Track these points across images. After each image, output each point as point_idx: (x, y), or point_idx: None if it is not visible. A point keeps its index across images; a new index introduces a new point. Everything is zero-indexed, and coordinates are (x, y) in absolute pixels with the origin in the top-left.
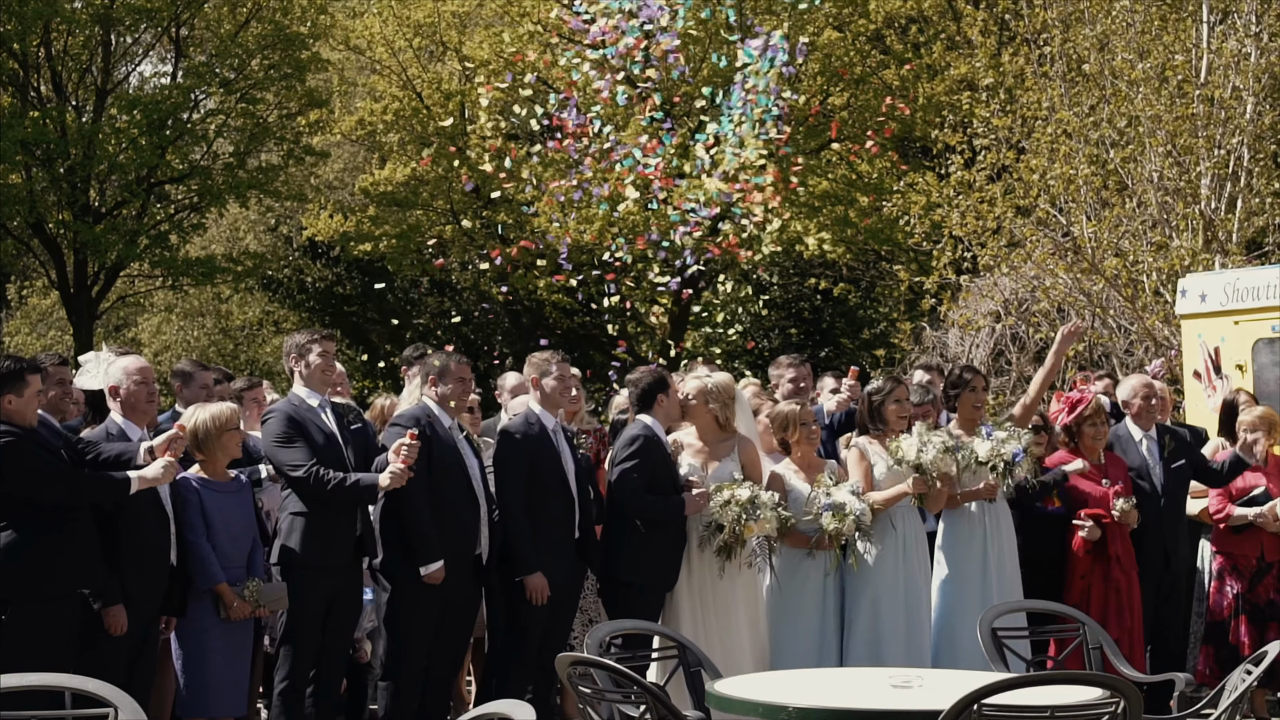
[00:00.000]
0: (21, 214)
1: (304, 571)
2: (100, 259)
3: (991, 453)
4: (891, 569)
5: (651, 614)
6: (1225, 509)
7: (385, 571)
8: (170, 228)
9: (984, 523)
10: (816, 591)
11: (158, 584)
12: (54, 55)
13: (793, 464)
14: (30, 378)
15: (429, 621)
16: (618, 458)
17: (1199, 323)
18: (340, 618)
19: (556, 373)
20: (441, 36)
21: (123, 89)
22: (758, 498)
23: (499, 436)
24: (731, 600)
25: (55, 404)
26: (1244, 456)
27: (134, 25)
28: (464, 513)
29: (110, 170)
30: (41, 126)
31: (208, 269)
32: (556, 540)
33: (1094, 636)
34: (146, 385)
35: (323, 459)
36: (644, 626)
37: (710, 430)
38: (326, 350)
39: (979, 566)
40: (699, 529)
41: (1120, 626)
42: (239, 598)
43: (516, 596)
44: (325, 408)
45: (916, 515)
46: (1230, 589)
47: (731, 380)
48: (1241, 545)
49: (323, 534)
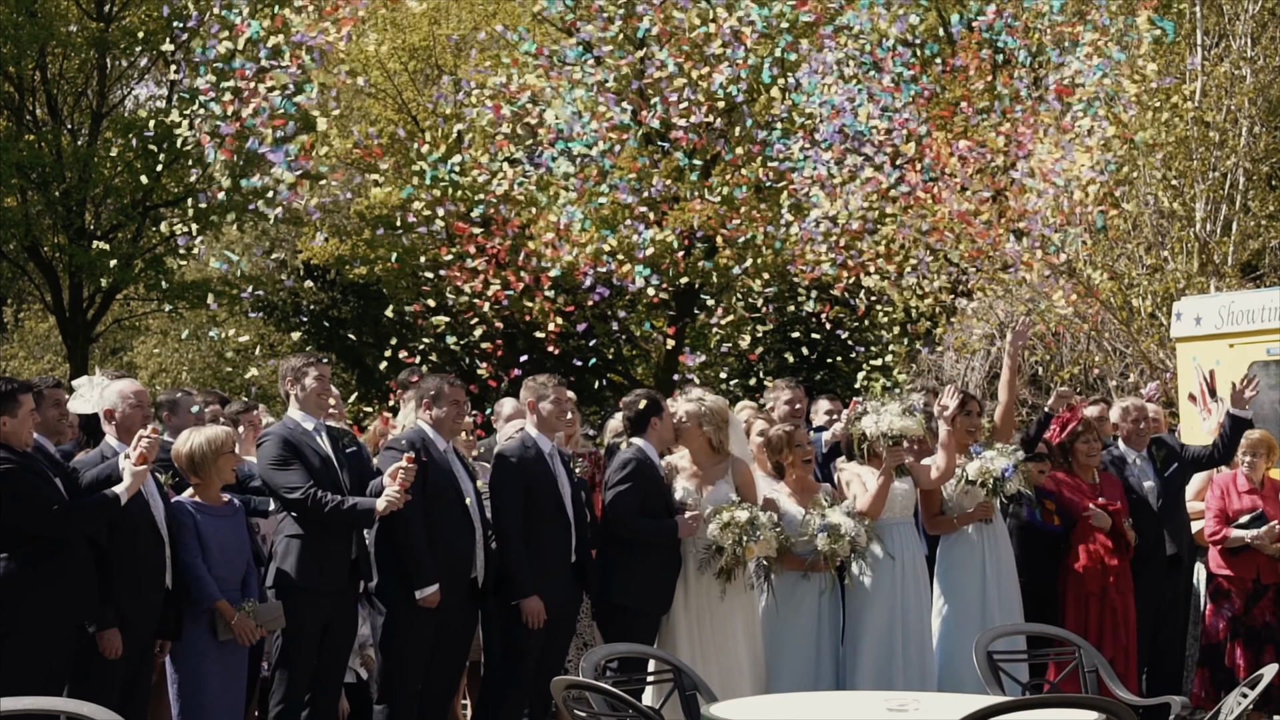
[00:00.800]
0: (17, 237)
1: (300, 594)
2: (95, 282)
3: (980, 471)
4: (889, 591)
5: (646, 637)
6: (1222, 531)
7: (380, 595)
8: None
9: (982, 546)
10: (812, 614)
11: (153, 608)
12: (50, 79)
13: (786, 487)
14: (22, 398)
15: (424, 645)
16: (611, 481)
17: (1194, 346)
18: (336, 641)
19: (553, 396)
20: (437, 60)
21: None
22: (757, 519)
23: (495, 460)
24: (729, 623)
25: (52, 426)
26: (1236, 411)
27: (129, 49)
28: (459, 536)
29: (105, 194)
30: (37, 150)
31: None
32: (552, 563)
33: (1090, 659)
34: (141, 408)
35: (318, 482)
36: (639, 650)
37: (704, 453)
38: (322, 374)
39: (978, 590)
40: (696, 552)
41: (1116, 645)
42: (239, 613)
43: (513, 620)
44: (320, 431)
45: (915, 537)
46: (1226, 611)
47: (724, 403)
48: (1238, 567)
49: (318, 557)
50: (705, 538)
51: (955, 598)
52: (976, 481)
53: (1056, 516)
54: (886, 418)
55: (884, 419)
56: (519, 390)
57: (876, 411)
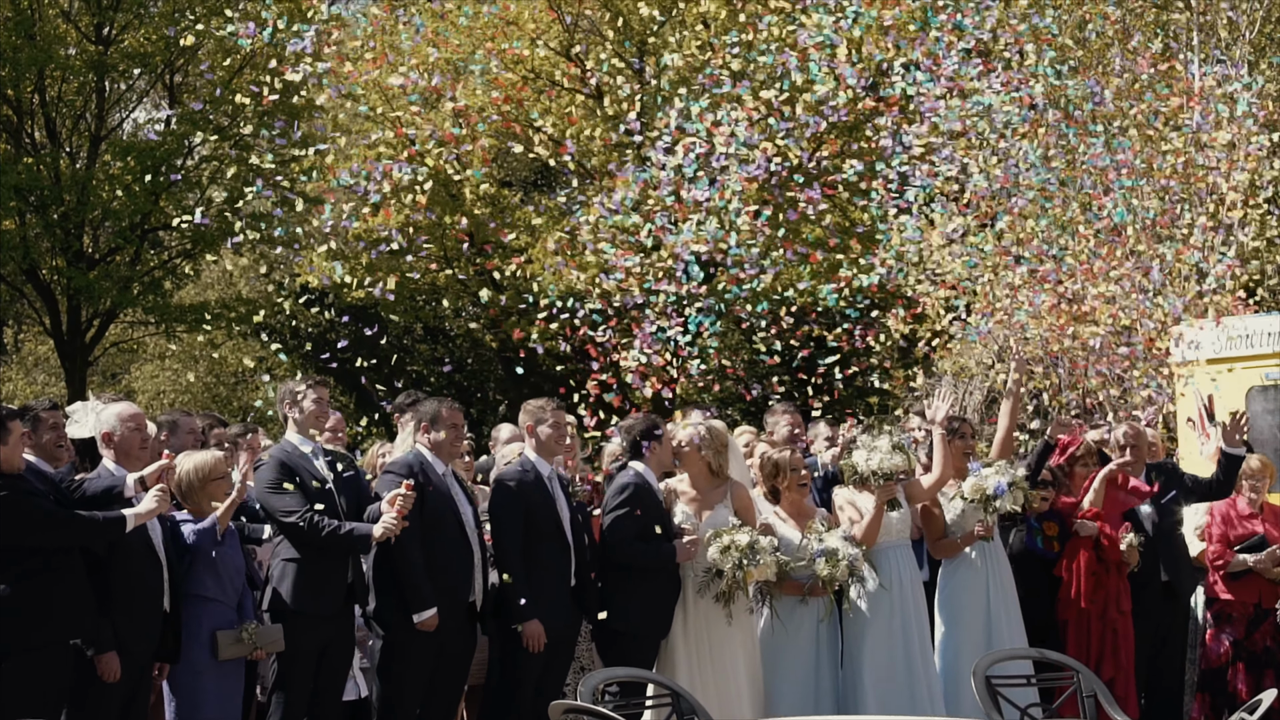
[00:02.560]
0: (15, 260)
1: (296, 618)
2: (94, 305)
3: (975, 488)
4: (886, 614)
5: (645, 661)
6: (1224, 555)
7: (378, 619)
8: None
9: (984, 568)
10: (811, 638)
11: (150, 630)
12: (48, 101)
13: (782, 511)
14: (11, 424)
15: (423, 669)
16: (609, 505)
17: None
18: (333, 665)
19: (551, 420)
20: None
21: (116, 135)
22: (757, 543)
23: (493, 485)
24: (729, 647)
25: (48, 451)
26: (1229, 449)
27: (128, 72)
28: (457, 560)
29: (104, 216)
30: (35, 172)
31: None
32: (552, 587)
33: (1088, 684)
34: (140, 431)
35: (315, 505)
36: (638, 674)
37: (703, 477)
38: (320, 397)
39: (983, 613)
40: (696, 575)
41: (1116, 665)
42: (235, 640)
43: (512, 644)
44: (318, 454)
45: (911, 559)
46: (1226, 636)
47: (724, 427)
48: (1239, 592)
49: (315, 581)
50: (705, 561)
51: (959, 621)
52: (971, 499)
53: (1057, 543)
54: (877, 456)
55: (874, 457)
56: (515, 412)
57: (868, 447)
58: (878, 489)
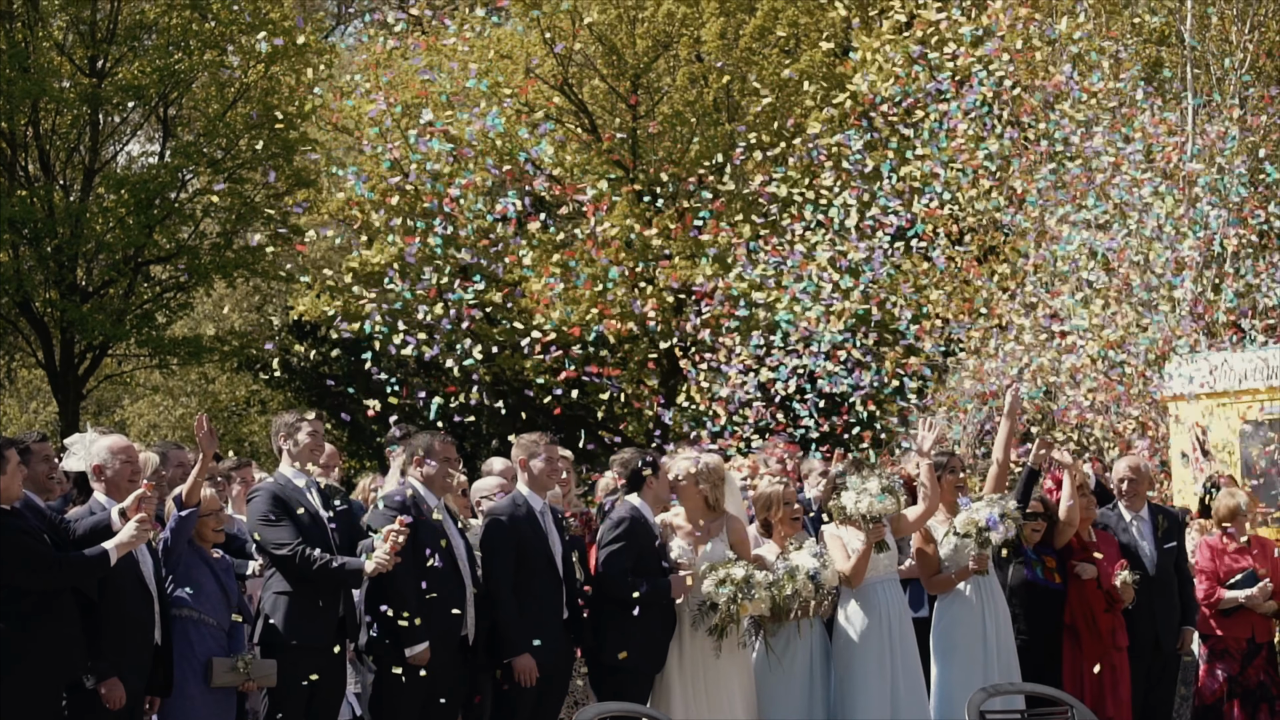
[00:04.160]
0: (9, 292)
1: (287, 651)
2: (87, 338)
3: (966, 522)
4: (877, 647)
5: (639, 695)
6: (1215, 593)
7: (371, 653)
8: (156, 307)
9: (979, 603)
10: (804, 672)
11: (142, 663)
12: (42, 134)
13: (775, 545)
14: (8, 453)
15: (415, 703)
16: (604, 539)
17: (1184, 405)
18: (324, 698)
19: (545, 454)
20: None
21: (110, 168)
22: (752, 577)
23: (486, 520)
24: (723, 681)
25: (41, 483)
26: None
27: (122, 104)
28: (449, 593)
29: (97, 249)
30: (29, 205)
31: (194, 348)
32: (544, 621)
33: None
34: (131, 464)
35: (308, 538)
36: (633, 709)
37: (700, 511)
38: (315, 429)
39: (979, 647)
40: (691, 609)
41: (1116, 702)
42: (230, 669)
43: (505, 678)
44: (311, 487)
45: (900, 594)
46: (1220, 672)
47: (721, 461)
48: (1231, 628)
49: (306, 614)
50: (700, 594)
51: (954, 656)
52: (963, 533)
53: (1058, 574)
54: (866, 499)
55: (863, 500)
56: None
57: (857, 489)
58: (867, 531)
